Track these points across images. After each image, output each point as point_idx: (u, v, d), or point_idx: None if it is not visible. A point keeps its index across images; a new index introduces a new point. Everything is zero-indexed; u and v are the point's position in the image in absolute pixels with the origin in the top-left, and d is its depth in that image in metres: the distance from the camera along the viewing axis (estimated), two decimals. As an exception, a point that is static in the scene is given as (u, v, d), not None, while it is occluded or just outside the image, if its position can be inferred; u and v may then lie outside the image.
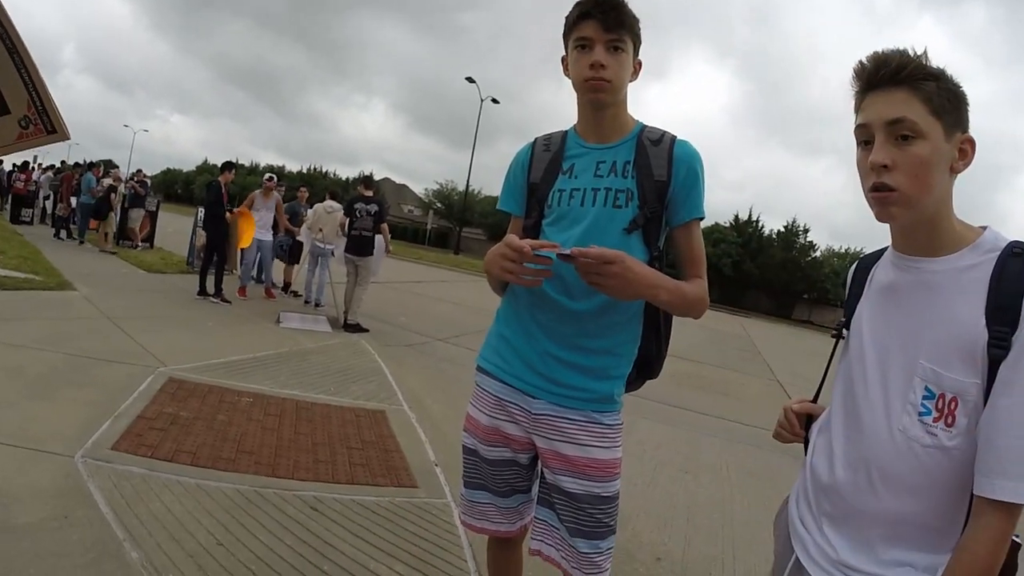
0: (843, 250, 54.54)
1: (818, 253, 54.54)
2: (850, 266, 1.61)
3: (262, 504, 3.39)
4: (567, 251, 1.60)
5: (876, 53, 1.25)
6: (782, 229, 55.17)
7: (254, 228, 10.14)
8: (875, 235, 1.32)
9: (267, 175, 10.89)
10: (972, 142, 1.24)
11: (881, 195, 1.22)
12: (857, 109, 1.29)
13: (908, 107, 1.19)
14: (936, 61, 1.21)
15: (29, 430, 3.81)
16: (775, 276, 51.47)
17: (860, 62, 1.27)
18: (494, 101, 46.13)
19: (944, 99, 1.20)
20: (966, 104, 1.23)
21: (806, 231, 54.65)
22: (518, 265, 1.69)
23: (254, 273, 11.34)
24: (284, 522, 3.24)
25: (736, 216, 55.64)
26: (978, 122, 1.25)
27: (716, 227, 54.20)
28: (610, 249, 1.61)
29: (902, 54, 1.21)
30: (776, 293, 50.98)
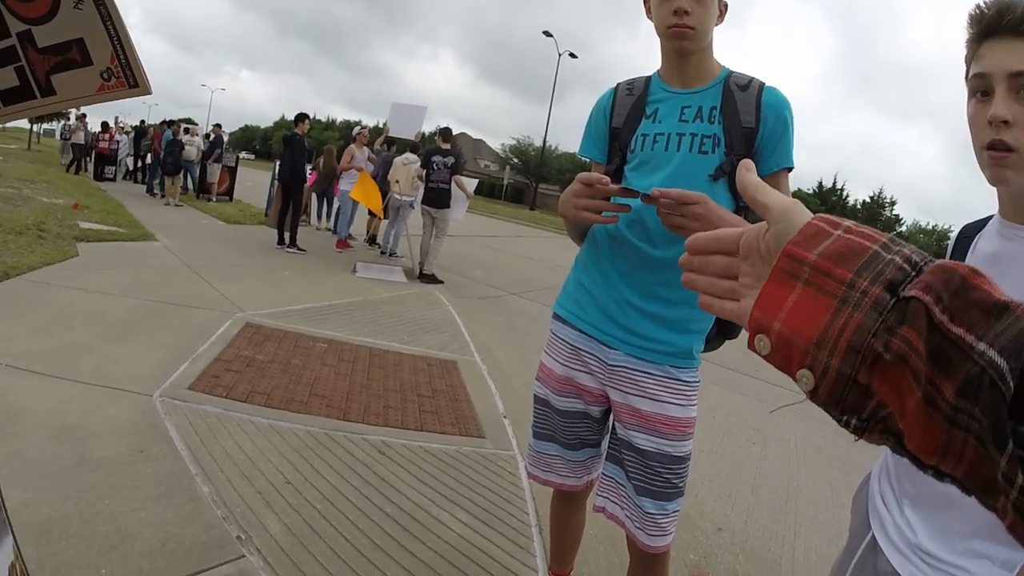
0: (930, 227, 52.68)
1: (903, 228, 52.89)
2: (950, 235, 1.47)
3: (331, 446, 3.43)
4: (648, 192, 1.52)
5: None
6: (867, 200, 53.73)
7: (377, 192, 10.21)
8: (966, 213, 1.16)
9: (358, 127, 11.05)
10: None
11: (999, 154, 1.08)
12: (971, 58, 1.15)
13: None
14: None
15: (109, 371, 3.93)
16: (859, 250, 50.43)
17: (978, 6, 1.12)
18: (572, 56, 45.18)
19: None
20: None
21: (892, 203, 53.15)
22: (593, 201, 1.62)
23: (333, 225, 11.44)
24: (352, 464, 3.27)
25: (820, 183, 54.42)
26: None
27: (799, 193, 53.06)
28: (692, 191, 1.51)
29: None
30: (859, 267, 49.84)
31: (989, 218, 1.31)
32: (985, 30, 1.11)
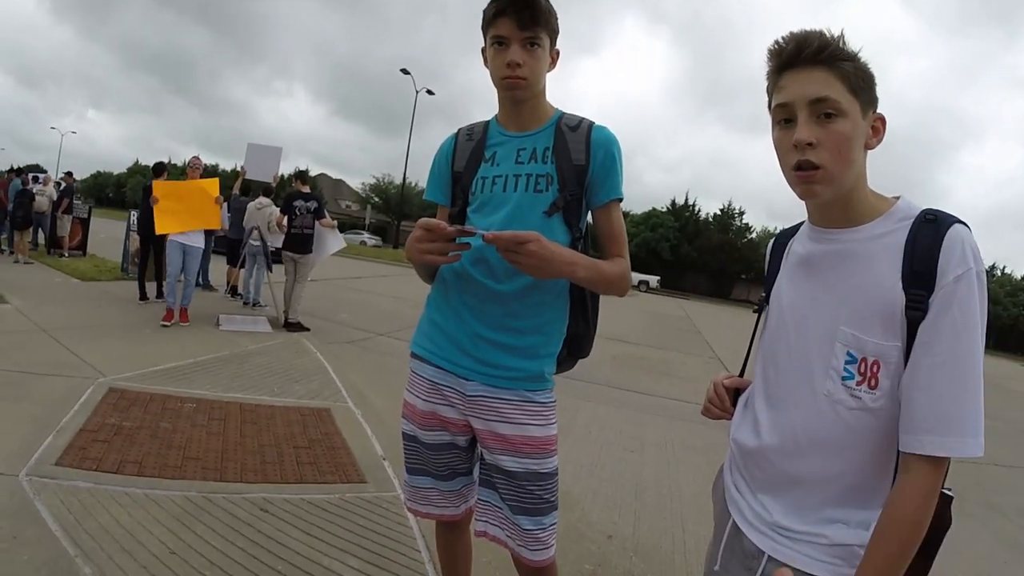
0: (778, 231, 56.99)
1: (754, 234, 56.50)
2: (768, 243, 1.71)
3: (212, 509, 3.43)
4: (483, 232, 1.68)
5: (795, 33, 1.28)
6: (718, 212, 57.37)
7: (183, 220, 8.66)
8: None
9: (192, 157, 9.91)
10: (883, 120, 1.30)
11: (806, 174, 1.25)
12: (773, 89, 1.32)
13: (829, 86, 1.23)
14: (871, 36, 1.25)
15: (-32, 452, 3.76)
16: (713, 258, 53.37)
17: (777, 42, 1.30)
18: (429, 93, 45.18)
19: (859, 79, 1.25)
20: (876, 84, 1.28)
21: (741, 214, 56.96)
22: (436, 244, 1.76)
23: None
24: (235, 525, 3.29)
25: (673, 201, 57.51)
26: (918, 97, 1.24)
27: (653, 212, 56.05)
28: (524, 231, 1.70)
29: (821, 35, 1.25)
30: (714, 274, 52.79)
31: (800, 224, 1.54)
32: (785, 63, 1.28)
